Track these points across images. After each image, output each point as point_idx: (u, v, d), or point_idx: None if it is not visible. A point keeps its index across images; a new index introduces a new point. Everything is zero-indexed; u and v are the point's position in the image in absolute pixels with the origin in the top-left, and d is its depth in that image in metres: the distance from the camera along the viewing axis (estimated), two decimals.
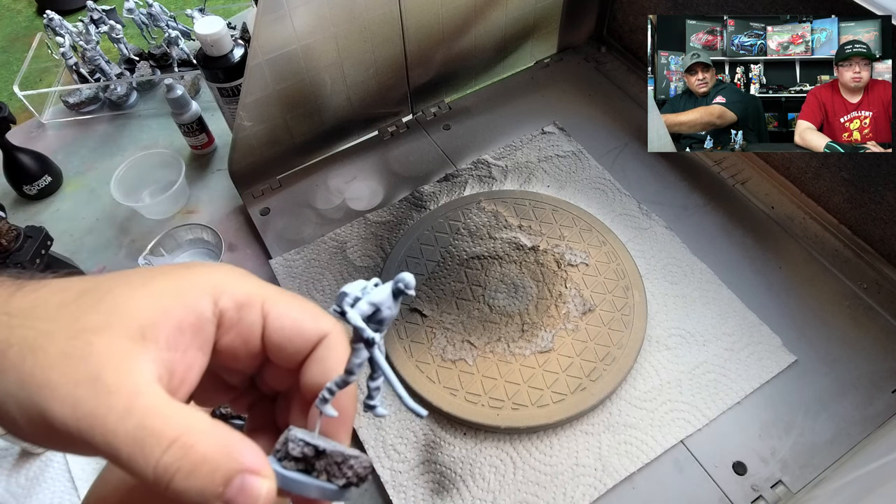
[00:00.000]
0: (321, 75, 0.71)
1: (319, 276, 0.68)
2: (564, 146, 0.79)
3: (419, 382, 0.58)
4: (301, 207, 0.76)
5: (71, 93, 0.90)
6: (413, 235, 0.70)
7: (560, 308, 0.62)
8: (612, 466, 0.55)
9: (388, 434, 0.57)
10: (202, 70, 0.73)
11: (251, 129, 0.70)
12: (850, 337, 0.62)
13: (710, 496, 0.54)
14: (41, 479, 0.58)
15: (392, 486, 0.55)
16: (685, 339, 0.62)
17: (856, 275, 0.67)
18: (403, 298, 0.22)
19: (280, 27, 0.63)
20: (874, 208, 0.66)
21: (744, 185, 0.75)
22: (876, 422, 0.57)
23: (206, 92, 0.94)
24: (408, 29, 0.73)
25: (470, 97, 0.88)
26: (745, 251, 0.69)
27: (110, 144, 0.89)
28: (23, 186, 0.80)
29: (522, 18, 0.83)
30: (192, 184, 0.82)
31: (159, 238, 0.70)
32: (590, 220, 0.69)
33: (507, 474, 0.55)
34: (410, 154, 0.81)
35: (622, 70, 0.90)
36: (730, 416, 0.58)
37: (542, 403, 0.57)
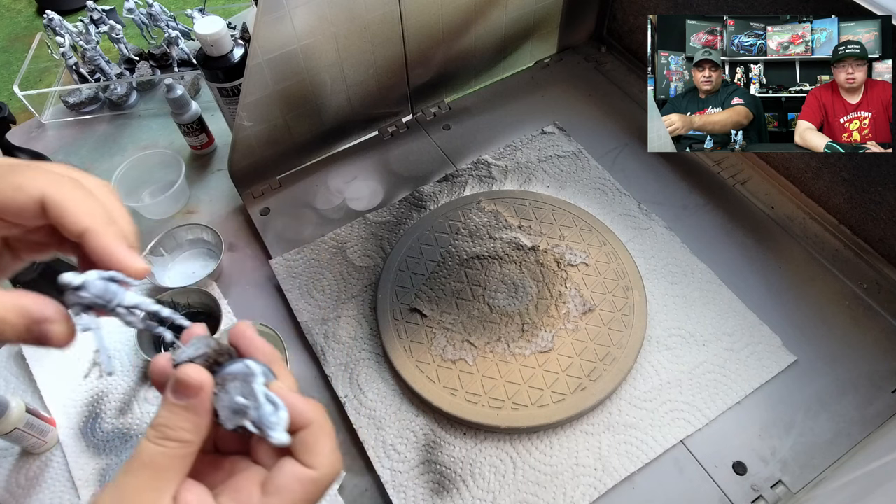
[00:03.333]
0: (321, 75, 0.71)
1: (319, 276, 0.68)
2: (564, 146, 0.79)
3: (419, 382, 0.58)
4: (301, 207, 0.76)
5: (71, 93, 0.90)
6: (413, 235, 0.70)
7: (560, 308, 0.62)
8: (612, 466, 0.55)
9: (388, 434, 0.57)
10: (202, 70, 0.73)
11: (251, 129, 0.70)
12: (850, 337, 0.62)
13: (710, 496, 0.54)
14: (41, 479, 0.58)
15: (392, 486, 0.55)
16: (685, 339, 0.62)
17: (856, 275, 0.67)
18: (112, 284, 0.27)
19: (280, 27, 0.63)
20: (874, 208, 0.66)
21: (744, 185, 0.75)
22: (876, 422, 0.57)
23: (206, 92, 0.94)
24: (408, 29, 0.73)
25: (470, 97, 0.88)
26: (745, 251, 0.69)
27: (110, 144, 0.89)
28: None
29: (522, 18, 0.83)
30: (192, 184, 0.82)
31: (159, 238, 0.70)
32: (590, 220, 0.69)
33: (507, 474, 0.55)
34: (410, 154, 0.81)
35: (622, 70, 0.90)
36: (730, 416, 0.58)
37: (542, 403, 0.57)
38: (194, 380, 0.26)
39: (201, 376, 0.27)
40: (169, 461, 0.26)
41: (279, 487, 0.27)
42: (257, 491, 0.27)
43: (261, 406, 0.27)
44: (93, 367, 0.64)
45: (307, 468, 0.27)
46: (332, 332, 0.64)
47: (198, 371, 0.27)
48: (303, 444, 0.28)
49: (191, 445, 0.27)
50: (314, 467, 0.27)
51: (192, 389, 0.26)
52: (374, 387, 0.60)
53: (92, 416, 0.61)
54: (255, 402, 0.27)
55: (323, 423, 0.28)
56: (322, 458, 0.27)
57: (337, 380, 0.61)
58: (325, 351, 0.63)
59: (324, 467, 0.27)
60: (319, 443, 0.28)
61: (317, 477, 0.27)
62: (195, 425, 0.27)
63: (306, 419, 0.28)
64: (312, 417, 0.28)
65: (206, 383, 0.27)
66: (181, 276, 0.72)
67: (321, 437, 0.28)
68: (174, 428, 0.26)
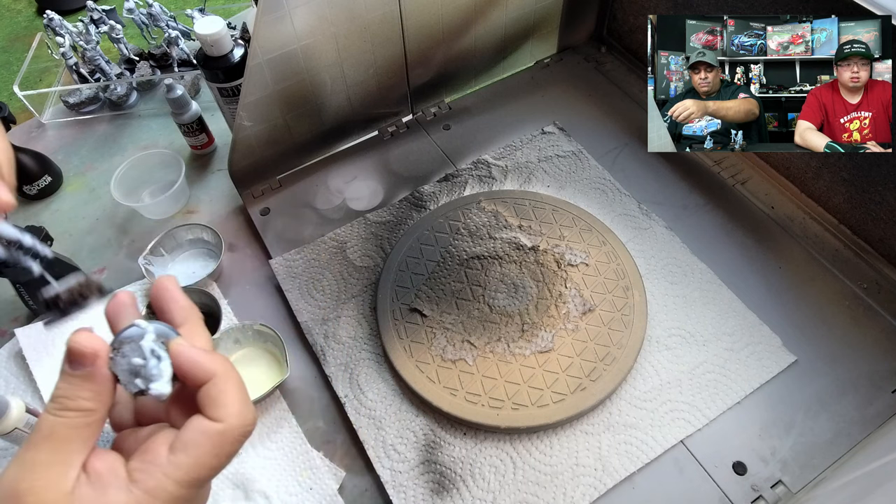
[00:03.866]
0: (321, 75, 0.71)
1: (319, 276, 0.68)
2: (564, 146, 0.79)
3: (419, 382, 0.58)
4: (301, 207, 0.76)
5: (71, 93, 0.90)
6: (413, 235, 0.70)
7: (560, 308, 0.62)
8: (612, 466, 0.55)
9: (388, 434, 0.57)
10: (202, 70, 0.73)
11: (251, 129, 0.70)
12: (850, 337, 0.62)
13: (710, 496, 0.54)
14: None
15: (392, 486, 0.55)
16: (685, 339, 0.62)
17: (856, 275, 0.67)
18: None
19: (280, 27, 0.63)
20: (874, 208, 0.66)
21: (744, 185, 0.75)
22: (876, 422, 0.57)
23: (206, 92, 0.94)
24: (408, 29, 0.73)
25: (470, 97, 0.88)
26: (745, 251, 0.69)
27: (110, 144, 0.89)
28: (23, 186, 0.80)
29: (522, 18, 0.83)
30: (192, 184, 0.82)
31: (159, 238, 0.70)
32: (590, 220, 0.69)
33: (507, 474, 0.55)
34: (410, 154, 0.81)
35: (622, 70, 0.90)
36: (730, 416, 0.58)
37: (542, 403, 0.57)
38: (87, 347, 0.26)
39: (94, 343, 0.26)
40: (70, 431, 0.26)
41: (185, 443, 0.26)
42: (165, 450, 0.27)
43: (147, 361, 0.27)
44: None
45: (213, 421, 0.27)
46: (332, 332, 0.64)
47: (89, 338, 0.26)
48: (207, 398, 0.27)
49: (93, 414, 0.26)
50: (220, 419, 0.27)
51: (88, 357, 0.26)
52: (374, 387, 0.60)
53: None
54: (144, 359, 0.27)
55: (228, 376, 0.28)
56: (227, 409, 0.27)
57: (337, 380, 0.61)
58: (325, 351, 0.63)
59: (230, 417, 0.27)
60: (223, 394, 0.27)
61: (222, 429, 0.27)
62: (95, 393, 0.26)
63: (208, 371, 0.27)
64: (215, 370, 0.27)
65: (101, 349, 0.26)
66: (181, 276, 0.72)
67: (226, 389, 0.27)
68: (73, 398, 0.26)
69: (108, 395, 0.27)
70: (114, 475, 0.26)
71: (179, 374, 0.28)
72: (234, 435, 0.27)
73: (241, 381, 0.28)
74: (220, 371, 0.28)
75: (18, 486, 0.24)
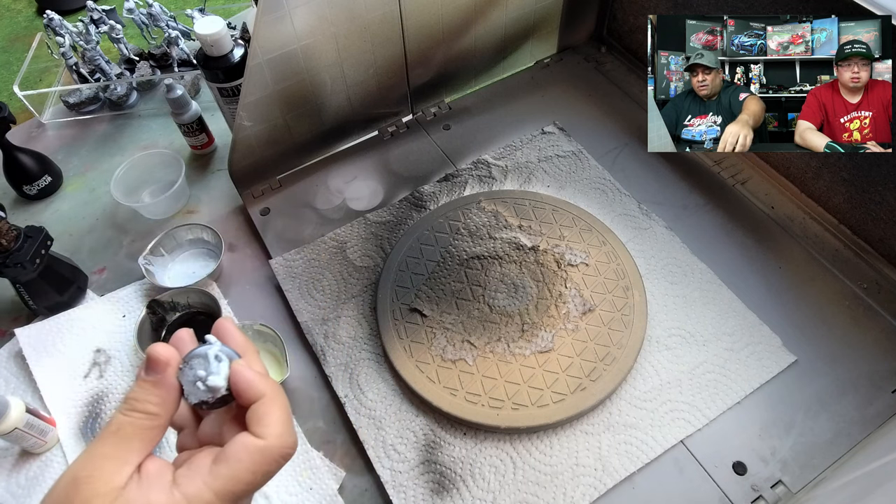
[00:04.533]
0: (321, 75, 0.71)
1: (319, 276, 0.68)
2: (564, 146, 0.79)
3: (419, 382, 0.58)
4: (301, 207, 0.76)
5: (71, 93, 0.90)
6: (413, 235, 0.70)
7: (560, 308, 0.62)
8: (612, 466, 0.55)
9: (388, 434, 0.57)
10: (202, 70, 0.73)
11: (251, 129, 0.70)
12: (850, 337, 0.62)
13: (710, 496, 0.54)
14: (41, 479, 0.58)
15: (392, 486, 0.55)
16: (685, 339, 0.62)
17: (856, 275, 0.67)
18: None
19: (280, 27, 0.63)
20: (874, 208, 0.66)
21: (744, 185, 0.75)
22: (876, 422, 0.57)
23: (206, 92, 0.94)
24: (408, 29, 0.73)
25: (470, 97, 0.88)
26: (745, 251, 0.69)
27: (110, 144, 0.89)
28: (23, 186, 0.80)
29: (522, 18, 0.83)
30: (192, 184, 0.82)
31: (159, 238, 0.70)
32: (590, 220, 0.69)
33: (507, 474, 0.55)
34: (410, 154, 0.81)
35: (622, 70, 0.90)
36: (730, 416, 0.58)
37: (542, 403, 0.57)
38: (162, 356, 0.29)
39: (168, 353, 0.29)
40: (134, 430, 0.28)
41: (228, 456, 0.28)
42: (209, 461, 0.29)
43: (209, 365, 0.29)
44: (92, 367, 0.65)
45: (256, 438, 0.29)
46: (332, 332, 0.64)
47: (165, 349, 0.30)
48: (254, 415, 0.29)
49: (156, 418, 0.29)
50: (263, 437, 0.29)
51: (161, 364, 0.29)
52: (374, 387, 0.60)
53: (92, 416, 0.61)
54: (208, 366, 0.29)
55: (275, 397, 0.30)
56: (271, 428, 0.29)
57: (337, 380, 0.61)
58: (325, 351, 0.63)
59: (272, 437, 0.29)
60: (269, 414, 0.29)
61: (263, 446, 0.29)
62: (161, 399, 0.29)
63: (258, 391, 0.30)
64: (265, 390, 0.30)
65: (173, 359, 0.30)
66: (181, 276, 0.72)
67: (272, 409, 0.29)
68: (141, 401, 0.29)
69: (172, 403, 0.30)
70: (160, 477, 0.28)
71: (234, 391, 0.30)
72: (274, 455, 0.29)
73: (288, 407, 0.31)
74: (269, 392, 0.30)
75: (79, 473, 0.27)
